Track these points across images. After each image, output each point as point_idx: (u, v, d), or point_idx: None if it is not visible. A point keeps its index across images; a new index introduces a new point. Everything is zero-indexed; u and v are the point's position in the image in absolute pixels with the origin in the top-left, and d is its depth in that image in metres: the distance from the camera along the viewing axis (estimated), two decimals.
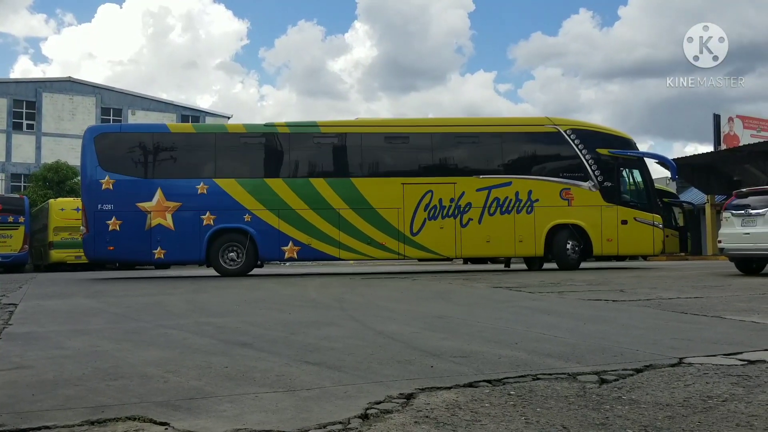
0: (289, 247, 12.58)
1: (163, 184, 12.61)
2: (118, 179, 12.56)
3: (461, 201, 12.78)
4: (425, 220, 12.74)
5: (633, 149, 13.61)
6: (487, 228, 12.79)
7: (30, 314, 6.25)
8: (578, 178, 12.99)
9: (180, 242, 12.49)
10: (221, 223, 12.53)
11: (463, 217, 12.78)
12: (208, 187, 12.55)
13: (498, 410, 2.40)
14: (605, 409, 2.39)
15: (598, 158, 13.04)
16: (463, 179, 12.92)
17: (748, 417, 2.26)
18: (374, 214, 12.69)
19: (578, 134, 13.10)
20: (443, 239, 12.78)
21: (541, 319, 5.31)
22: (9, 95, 36.20)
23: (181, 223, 12.49)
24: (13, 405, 2.57)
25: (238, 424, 2.25)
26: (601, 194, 12.98)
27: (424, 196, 12.75)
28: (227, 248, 12.65)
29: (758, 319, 4.92)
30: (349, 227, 12.63)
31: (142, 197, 12.48)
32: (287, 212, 12.58)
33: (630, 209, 13.11)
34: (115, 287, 10.28)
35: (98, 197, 12.50)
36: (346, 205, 12.65)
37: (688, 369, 3.09)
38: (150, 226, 12.38)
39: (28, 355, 3.80)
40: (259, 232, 12.55)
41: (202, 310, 6.45)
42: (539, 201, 12.89)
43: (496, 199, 12.82)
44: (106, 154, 12.74)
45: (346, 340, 4.19)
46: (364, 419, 2.30)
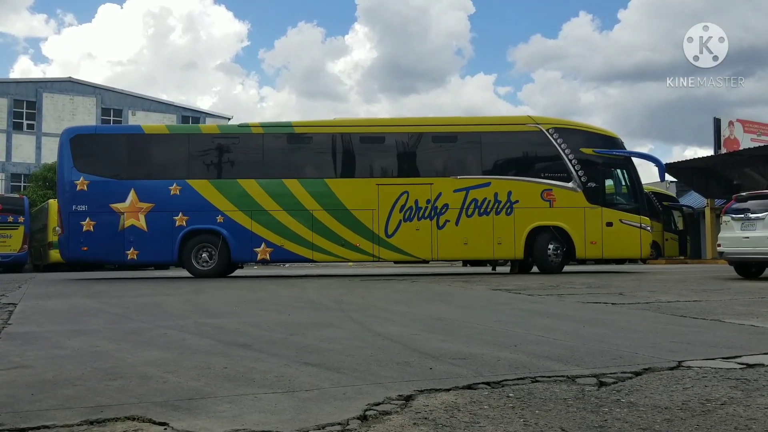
0: (262, 249, 12.51)
1: (137, 185, 12.60)
2: (92, 180, 12.58)
3: (438, 202, 12.52)
4: (401, 221, 12.53)
5: (619, 148, 13.12)
6: (465, 230, 12.51)
7: (29, 314, 6.26)
8: (561, 179, 12.61)
9: (153, 243, 12.46)
10: (194, 224, 12.51)
11: (439, 218, 12.53)
12: (181, 188, 12.55)
13: (497, 412, 2.40)
14: (604, 412, 2.39)
15: (582, 158, 12.65)
16: (440, 180, 12.68)
17: (746, 420, 2.27)
18: (348, 216, 12.53)
19: (561, 133, 12.72)
20: (419, 241, 12.54)
21: (540, 321, 5.31)
22: (9, 95, 36.25)
23: (154, 223, 12.46)
24: (13, 404, 2.57)
25: (237, 424, 2.25)
26: (585, 195, 12.57)
27: (399, 197, 12.53)
28: (200, 249, 12.63)
29: (757, 322, 4.92)
30: (323, 229, 12.48)
31: (116, 198, 12.50)
32: (260, 213, 12.51)
33: (616, 211, 12.67)
34: (114, 288, 10.28)
35: (73, 198, 12.55)
36: (319, 206, 12.52)
37: (687, 372, 3.09)
38: (123, 227, 12.43)
39: (27, 354, 3.80)
40: (231, 233, 12.49)
41: (202, 311, 6.45)
42: (519, 202, 12.54)
43: (474, 201, 12.54)
44: (82, 155, 12.77)
45: (345, 341, 4.19)
46: (363, 420, 2.30)
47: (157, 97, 41.93)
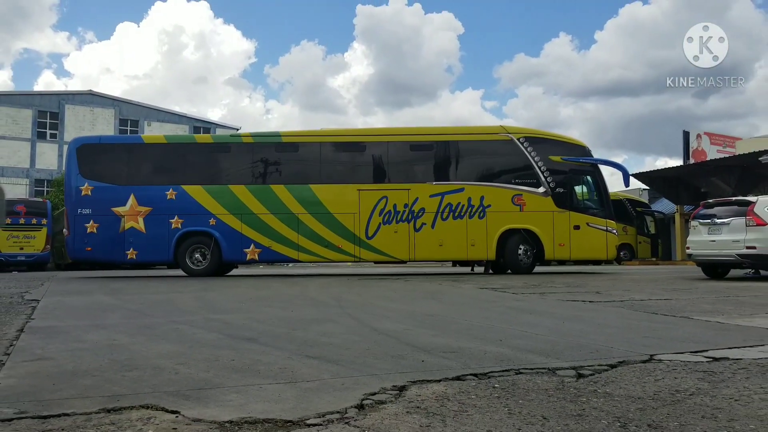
0: (251, 249, 12.51)
1: (136, 190, 12.71)
2: (96, 186, 12.73)
3: (415, 206, 12.50)
4: (380, 224, 12.51)
5: (587, 156, 13.00)
6: (440, 232, 12.47)
7: (51, 310, 6.22)
8: (530, 185, 12.54)
9: (150, 244, 12.56)
10: (188, 226, 12.58)
11: (416, 221, 12.50)
12: (177, 193, 12.63)
13: (483, 402, 2.40)
14: (582, 402, 2.39)
15: (551, 165, 12.55)
16: (417, 186, 12.64)
17: (712, 410, 2.27)
18: (331, 219, 12.53)
19: (531, 142, 12.65)
20: (397, 243, 12.51)
21: (524, 318, 5.32)
22: (34, 106, 36.12)
23: (152, 226, 12.56)
24: (35, 394, 2.56)
25: (243, 412, 2.25)
26: (553, 200, 12.47)
27: (379, 201, 12.52)
28: (194, 250, 12.66)
29: (723, 319, 4.93)
30: (308, 231, 12.51)
31: (117, 202, 12.62)
32: (249, 217, 12.55)
33: (582, 215, 12.57)
34: (130, 285, 10.24)
35: (78, 202, 12.69)
36: (304, 210, 12.55)
37: (659, 365, 3.10)
38: (123, 229, 12.55)
39: (49, 347, 3.78)
40: (222, 235, 12.54)
41: (211, 308, 6.43)
42: (491, 206, 12.49)
43: (449, 205, 12.49)
44: (86, 163, 12.94)
45: (343, 336, 4.18)
46: (360, 409, 2.30)
47: (171, 109, 41.83)
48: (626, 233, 24.35)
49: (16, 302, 6.98)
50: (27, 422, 2.16)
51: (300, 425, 2.11)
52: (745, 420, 2.14)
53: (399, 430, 2.06)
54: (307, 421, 2.15)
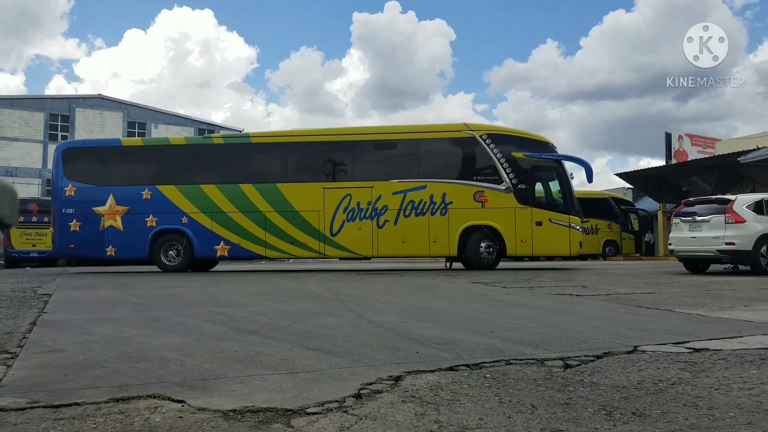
0: (221, 246, 12.46)
1: (115, 190, 12.79)
2: (78, 187, 12.84)
3: (378, 204, 12.18)
4: (344, 221, 12.26)
5: (550, 152, 12.38)
6: (403, 229, 12.14)
7: (62, 304, 6.20)
8: (492, 181, 12.06)
9: (128, 241, 12.63)
10: (162, 224, 12.58)
11: (379, 219, 12.17)
12: (152, 193, 12.66)
13: (475, 391, 2.40)
14: (569, 391, 2.40)
15: (513, 161, 12.06)
16: (380, 183, 12.30)
17: (693, 398, 2.28)
18: (297, 217, 12.36)
19: (494, 139, 12.17)
20: (361, 239, 12.24)
21: (514, 311, 5.32)
22: (46, 110, 35.94)
23: (129, 224, 12.63)
24: (47, 384, 2.55)
25: (246, 401, 2.24)
26: (515, 196, 11.97)
27: (343, 199, 12.28)
28: (168, 247, 12.69)
29: (703, 312, 4.95)
30: (275, 228, 12.36)
31: (98, 202, 12.71)
32: (219, 215, 12.49)
33: (545, 211, 12.01)
34: (137, 280, 10.21)
35: (63, 202, 12.82)
36: (271, 208, 12.39)
37: (642, 356, 3.10)
38: (103, 227, 12.64)
39: (60, 340, 3.76)
40: (194, 233, 12.51)
41: (215, 301, 6.41)
42: (453, 203, 12.05)
43: (411, 202, 12.13)
44: (70, 166, 13.09)
45: (342, 328, 4.18)
46: (358, 398, 2.30)
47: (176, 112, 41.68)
48: (611, 230, 24.39)
49: (29, 297, 6.95)
50: (39, 411, 2.15)
51: (300, 414, 2.11)
52: (724, 408, 2.15)
53: (395, 418, 2.06)
54: (307, 410, 2.14)
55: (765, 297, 6.30)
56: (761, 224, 10.19)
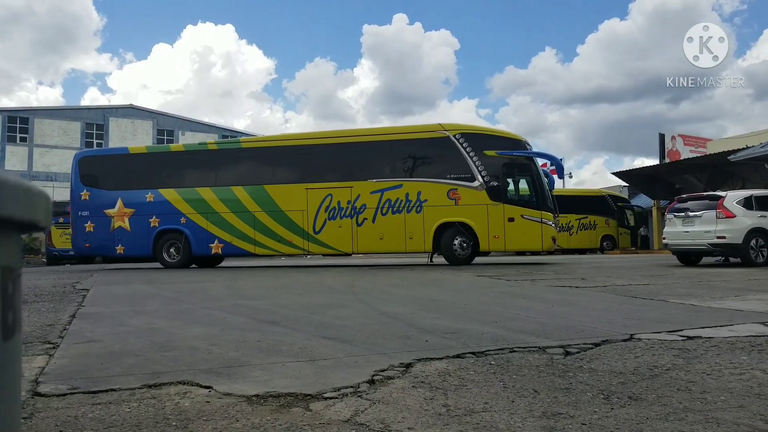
0: (215, 244, 12.55)
1: (123, 194, 13.08)
2: (92, 192, 13.21)
3: (357, 203, 12.02)
4: (326, 220, 12.18)
5: (521, 150, 11.88)
6: (380, 227, 11.93)
7: (99, 298, 6.28)
8: (465, 179, 11.66)
9: (134, 241, 12.89)
10: (163, 225, 12.78)
11: (358, 217, 12.02)
12: (154, 196, 12.89)
13: (481, 377, 2.39)
14: (569, 376, 2.38)
15: (486, 159, 11.62)
16: (359, 183, 12.12)
17: (686, 383, 2.25)
18: (283, 216, 12.34)
19: (467, 138, 11.78)
20: (341, 237, 12.13)
21: (517, 302, 5.29)
22: (82, 119, 36.39)
23: (135, 225, 12.89)
24: (86, 372, 2.59)
25: (268, 387, 2.26)
26: (488, 193, 11.53)
27: (324, 199, 12.18)
28: (169, 246, 12.88)
29: (696, 302, 4.88)
30: (263, 227, 12.39)
31: (108, 205, 13.02)
32: (214, 215, 12.60)
33: (517, 207, 11.56)
34: (167, 276, 10.30)
35: (79, 206, 13.23)
36: (260, 208, 12.42)
37: (638, 343, 3.07)
38: (113, 228, 12.95)
39: (97, 331, 3.81)
40: (192, 232, 12.65)
41: (239, 295, 6.45)
42: (428, 201, 11.75)
43: (388, 201, 11.91)
44: (85, 173, 13.49)
45: (356, 319, 4.18)
46: (371, 384, 2.30)
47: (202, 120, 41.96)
48: (608, 225, 24.18)
49: (68, 291, 7.04)
50: (79, 397, 2.18)
51: (318, 398, 2.12)
52: (716, 392, 2.12)
53: (405, 402, 2.06)
54: (324, 395, 2.15)
55: (754, 287, 6.21)
56: (750, 219, 10.04)
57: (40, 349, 3.16)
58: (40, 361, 2.85)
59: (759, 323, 3.69)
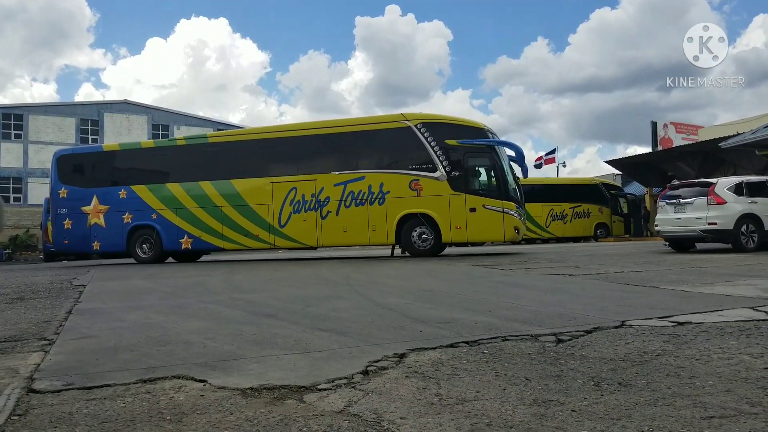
0: (185, 240, 12.58)
1: (98, 191, 13.15)
2: (69, 189, 13.33)
3: (321, 196, 11.91)
4: (291, 213, 12.07)
5: (483, 138, 11.51)
6: (344, 219, 11.79)
7: (96, 293, 6.26)
8: (427, 170, 11.41)
9: (109, 237, 12.99)
10: (136, 221, 12.86)
11: (322, 210, 11.90)
12: (127, 192, 12.95)
13: (473, 366, 2.40)
14: (560, 364, 2.39)
15: (447, 149, 11.34)
16: (322, 176, 11.98)
17: (676, 368, 2.27)
18: (249, 210, 12.28)
19: (428, 127, 11.48)
20: (306, 230, 12.02)
21: (511, 291, 5.31)
22: (76, 115, 36.09)
23: (110, 222, 12.98)
24: (81, 367, 2.58)
25: (262, 380, 2.26)
26: (449, 183, 11.26)
27: (289, 192, 12.09)
28: (142, 241, 12.97)
29: (687, 288, 4.91)
30: (230, 221, 12.36)
31: (85, 202, 13.11)
32: (183, 211, 12.61)
33: (478, 197, 11.25)
34: (164, 271, 10.28)
35: (58, 203, 13.37)
36: (227, 203, 12.39)
37: (629, 330, 3.09)
38: (89, 224, 13.07)
39: (93, 326, 3.80)
40: (162, 228, 12.70)
41: (236, 288, 6.44)
42: (390, 193, 11.54)
43: (351, 193, 11.75)
44: (63, 171, 13.56)
45: (351, 310, 4.19)
46: (365, 375, 2.31)
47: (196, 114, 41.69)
48: (602, 213, 24.26)
49: (65, 287, 7.02)
50: (74, 393, 2.18)
51: (312, 390, 2.12)
52: (704, 377, 2.14)
53: (399, 392, 2.07)
54: (318, 386, 2.16)
55: (745, 273, 6.25)
56: (741, 205, 10.09)
57: (35, 346, 3.15)
58: (36, 357, 2.85)
59: (748, 308, 3.71)
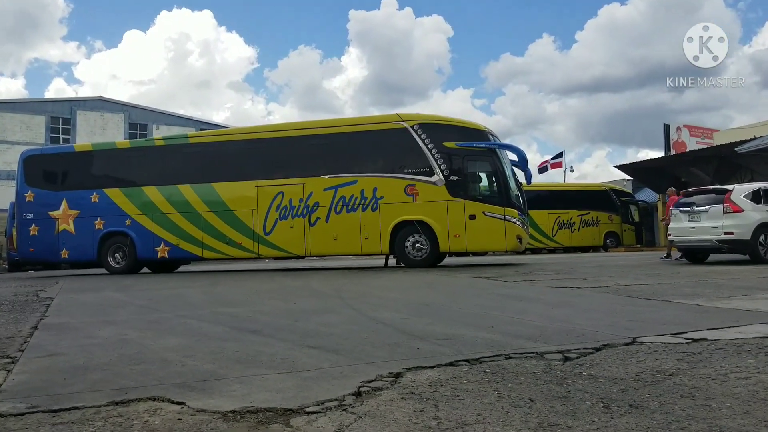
0: (161, 248, 12.43)
1: (67, 195, 12.98)
2: (36, 192, 13.15)
3: (309, 201, 11.73)
4: (277, 220, 11.91)
5: (483, 141, 11.40)
6: (334, 226, 11.61)
7: (64, 307, 6.21)
8: (424, 174, 11.28)
9: (79, 245, 12.79)
10: (108, 227, 12.68)
11: (311, 216, 11.71)
12: (99, 196, 12.79)
13: (475, 386, 2.39)
14: (567, 384, 2.39)
15: (445, 152, 11.23)
16: (311, 180, 11.82)
17: (690, 389, 2.27)
18: (232, 216, 12.13)
19: (425, 129, 11.37)
20: (293, 238, 11.83)
21: (514, 304, 5.31)
22: (47, 113, 35.94)
23: (80, 228, 12.79)
24: (47, 388, 2.55)
25: (246, 402, 2.24)
26: (447, 188, 11.13)
27: (275, 197, 11.93)
28: (115, 249, 12.78)
29: (702, 302, 4.93)
30: (211, 228, 12.20)
31: (53, 207, 12.93)
32: (159, 216, 12.46)
33: (478, 203, 11.11)
34: (139, 282, 10.22)
35: (23, 208, 13.16)
36: (207, 208, 12.24)
37: (641, 347, 3.10)
38: (58, 231, 12.87)
39: (61, 343, 3.76)
40: (137, 235, 12.53)
41: (218, 301, 6.41)
42: (384, 198, 11.38)
43: (342, 198, 11.59)
44: (30, 173, 13.39)
45: (343, 326, 4.17)
46: (357, 396, 2.29)
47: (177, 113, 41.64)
48: (612, 222, 24.38)
49: (31, 300, 6.96)
50: (38, 416, 2.15)
51: (299, 413, 2.11)
52: (721, 398, 2.14)
53: (393, 415, 2.06)
54: (306, 409, 2.14)
55: (763, 286, 6.29)
56: (759, 213, 10.15)
57: None
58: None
59: (767, 324, 3.73)
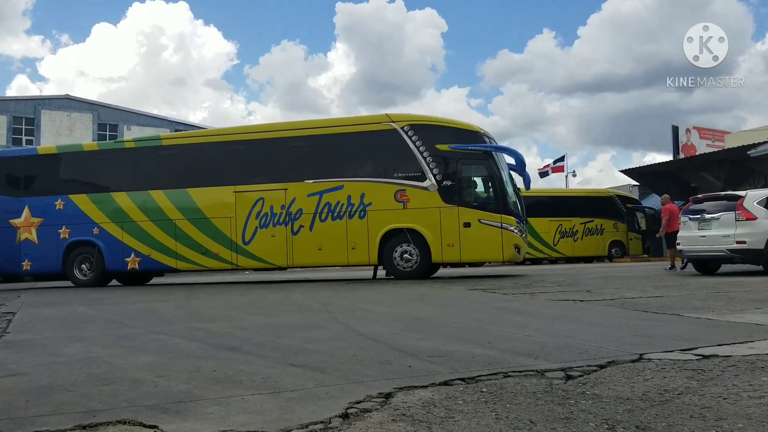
0: (131, 258, 12.29)
1: (30, 201, 12.90)
2: None
3: (292, 207, 11.61)
4: (257, 228, 11.77)
5: (478, 143, 11.27)
6: (319, 235, 11.48)
7: (27, 322, 6.14)
8: (415, 178, 11.18)
9: (42, 255, 12.67)
10: (74, 236, 12.55)
11: (294, 224, 11.58)
12: (64, 203, 12.68)
13: (470, 407, 2.40)
14: (570, 404, 2.40)
15: (437, 155, 11.15)
16: (294, 185, 11.69)
17: (701, 409, 2.29)
18: (208, 224, 12.00)
19: (417, 130, 11.26)
20: (275, 248, 11.68)
21: (513, 318, 5.33)
22: (9, 112, 35.67)
23: (44, 237, 12.68)
24: (8, 411, 2.52)
25: (224, 425, 2.22)
26: (440, 194, 11.05)
27: (255, 203, 11.78)
28: (82, 260, 12.65)
29: (713, 316, 4.98)
30: (185, 238, 12.07)
31: (14, 214, 12.85)
32: (130, 224, 12.35)
33: (473, 210, 11.04)
34: (110, 295, 10.14)
35: None
36: (181, 215, 12.11)
37: (648, 364, 3.11)
38: (19, 240, 12.78)
39: (23, 362, 3.72)
40: (105, 244, 12.39)
41: (193, 316, 6.37)
42: (372, 205, 11.29)
43: (328, 204, 11.46)
44: None
45: (329, 342, 4.16)
46: (345, 418, 2.29)
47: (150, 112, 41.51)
48: (617, 230, 24.52)
49: None
50: None
51: None
52: (733, 419, 2.16)
53: None
54: None
55: None
56: None
57: None
58: None
59: None
